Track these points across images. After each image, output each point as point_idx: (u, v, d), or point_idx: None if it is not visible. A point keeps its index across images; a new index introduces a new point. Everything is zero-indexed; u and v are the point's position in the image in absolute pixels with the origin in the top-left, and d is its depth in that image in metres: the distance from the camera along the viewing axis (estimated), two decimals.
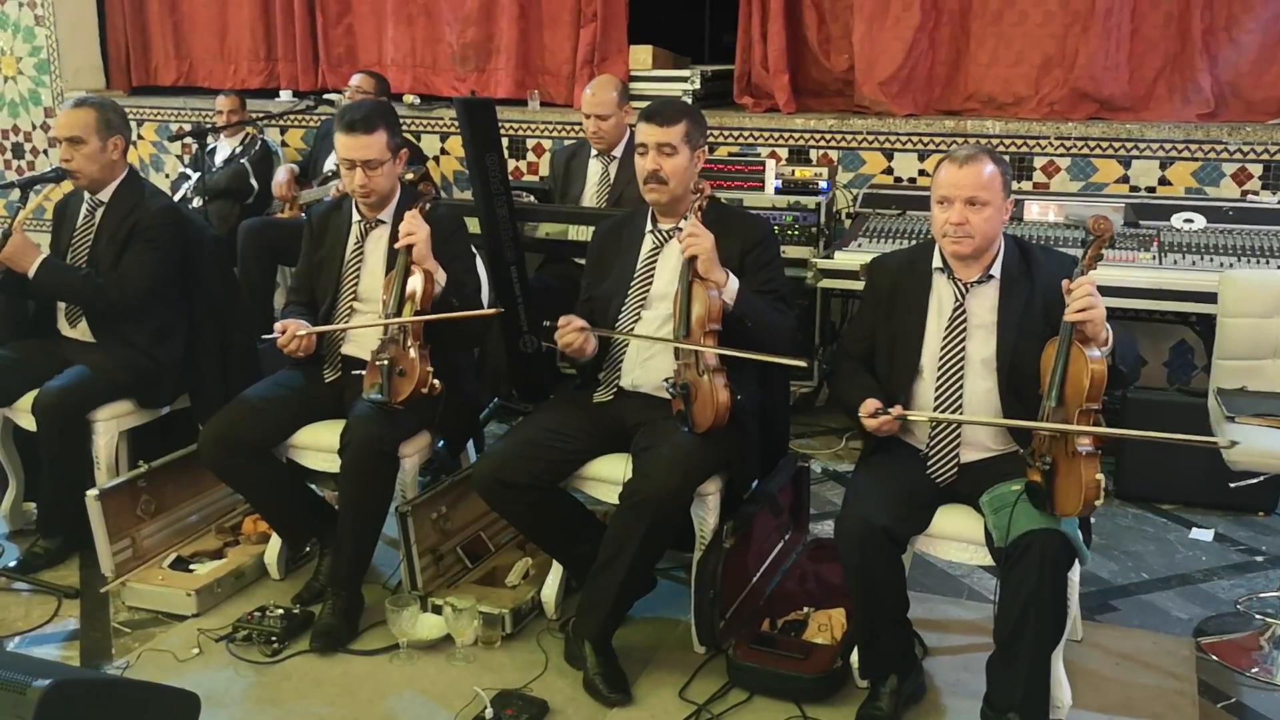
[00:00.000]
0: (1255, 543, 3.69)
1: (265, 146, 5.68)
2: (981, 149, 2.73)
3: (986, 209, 2.66)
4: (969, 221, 2.66)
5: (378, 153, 3.21)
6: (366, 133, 3.19)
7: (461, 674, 2.95)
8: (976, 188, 2.64)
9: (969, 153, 2.70)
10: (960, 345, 2.74)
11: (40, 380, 3.48)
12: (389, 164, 3.26)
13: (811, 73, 5.46)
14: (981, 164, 2.66)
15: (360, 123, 3.20)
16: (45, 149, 6.83)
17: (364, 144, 3.19)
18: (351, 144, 3.20)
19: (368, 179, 3.22)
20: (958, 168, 2.67)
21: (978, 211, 2.66)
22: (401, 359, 3.10)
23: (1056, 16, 4.91)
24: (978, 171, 2.65)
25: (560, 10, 5.72)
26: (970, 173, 2.65)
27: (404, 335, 3.11)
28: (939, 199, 2.71)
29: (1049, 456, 2.46)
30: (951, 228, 2.68)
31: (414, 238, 3.13)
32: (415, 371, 3.07)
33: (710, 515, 2.98)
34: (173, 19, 6.65)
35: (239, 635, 3.09)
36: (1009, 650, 2.52)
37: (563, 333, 2.98)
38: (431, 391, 3.09)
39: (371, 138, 3.20)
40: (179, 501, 3.58)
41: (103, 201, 3.61)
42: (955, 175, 2.67)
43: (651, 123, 3.00)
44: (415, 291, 3.13)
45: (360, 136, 3.19)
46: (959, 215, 2.66)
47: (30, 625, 3.20)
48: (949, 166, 2.69)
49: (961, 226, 2.66)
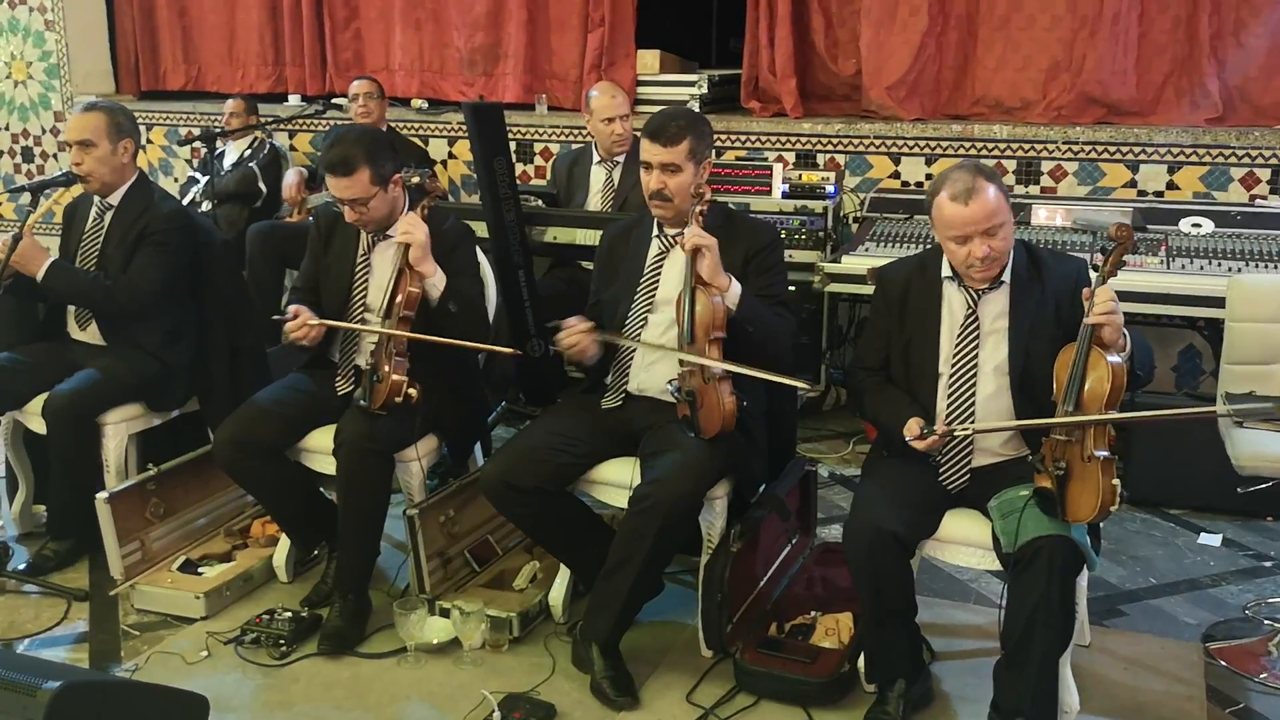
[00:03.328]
0: (1264, 547, 3.68)
1: (274, 150, 5.70)
2: (972, 171, 2.65)
3: (1003, 229, 2.64)
4: (993, 249, 2.63)
5: (361, 191, 3.16)
6: (346, 175, 3.15)
7: (469, 677, 2.95)
8: (988, 220, 2.61)
9: (967, 185, 2.61)
10: (973, 351, 2.74)
11: (50, 383, 3.48)
12: (378, 196, 3.20)
13: (819, 77, 5.47)
14: (982, 193, 2.60)
15: (339, 165, 3.14)
16: (55, 153, 6.85)
17: (345, 185, 3.16)
18: (335, 185, 3.18)
19: (358, 215, 3.21)
20: (964, 206, 2.61)
21: (995, 236, 2.63)
22: (380, 366, 3.11)
23: (1064, 21, 4.91)
24: (984, 201, 2.60)
25: (568, 15, 5.73)
26: (978, 206, 2.60)
27: (386, 342, 3.12)
28: (955, 238, 2.66)
29: (1063, 461, 2.45)
30: (978, 261, 2.64)
31: (409, 238, 3.12)
32: (387, 380, 3.07)
33: (718, 519, 2.98)
34: (181, 24, 6.67)
35: (247, 638, 3.10)
36: (1017, 656, 2.52)
37: (568, 333, 2.98)
38: (407, 400, 3.08)
39: (352, 179, 3.15)
40: (188, 504, 3.58)
41: (112, 205, 3.62)
42: (965, 214, 2.61)
43: (656, 142, 2.98)
44: (403, 297, 3.12)
45: (341, 179, 3.16)
46: (982, 248, 2.62)
47: (40, 627, 3.21)
48: (955, 206, 2.62)
49: (988, 257, 2.63)
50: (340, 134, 3.27)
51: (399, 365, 3.09)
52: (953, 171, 2.70)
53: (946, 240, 2.70)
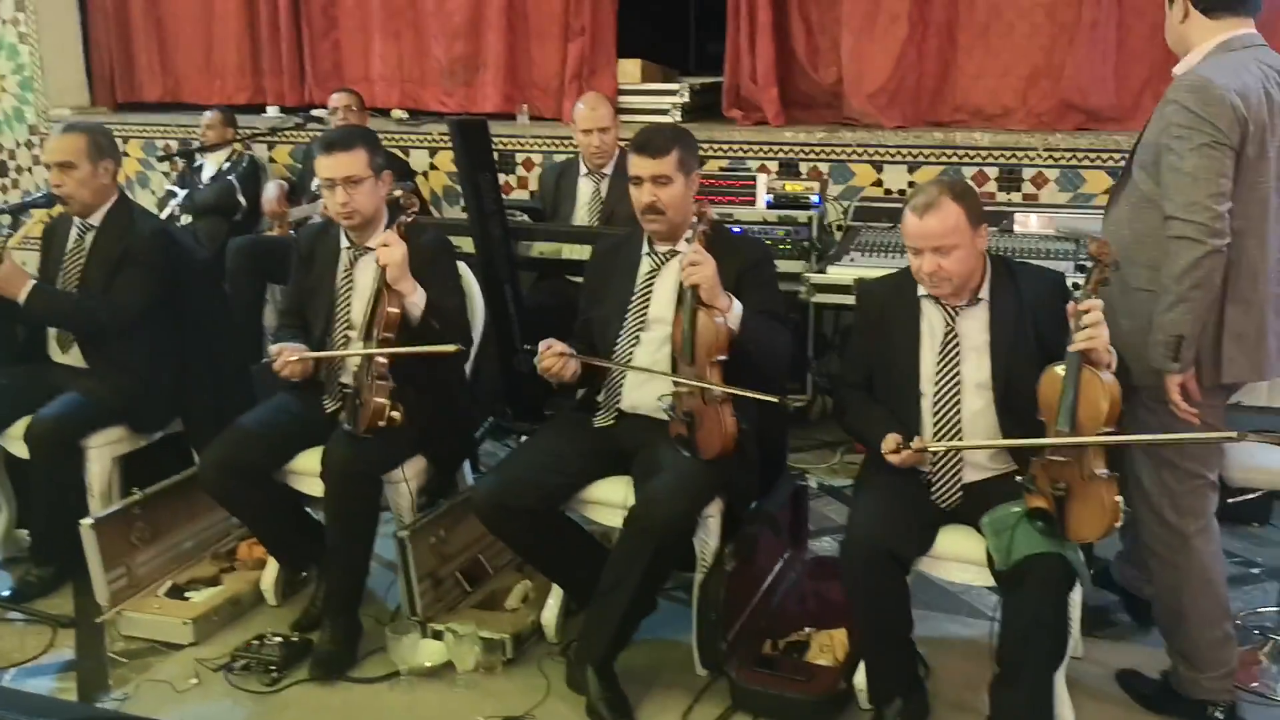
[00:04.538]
0: (1251, 554, 3.70)
1: (253, 163, 5.65)
2: (942, 187, 2.67)
3: (956, 251, 2.64)
4: (941, 268, 2.65)
5: (358, 169, 3.18)
6: (345, 150, 3.18)
7: (463, 701, 2.94)
8: (940, 237, 2.62)
9: (927, 200, 2.63)
10: (955, 368, 2.74)
11: (31, 407, 3.45)
12: (370, 182, 3.22)
13: (800, 85, 5.46)
14: (941, 210, 2.61)
15: (339, 142, 3.21)
16: (29, 167, 6.78)
17: (343, 161, 3.17)
18: (330, 163, 3.18)
19: (349, 197, 3.19)
20: (918, 219, 2.63)
21: (946, 256, 2.64)
22: (362, 389, 3.09)
23: (1043, 28, 4.93)
24: (938, 220, 2.61)
25: (548, 24, 5.70)
26: (930, 223, 2.62)
27: (367, 364, 3.09)
28: (910, 248, 2.69)
29: (1062, 482, 2.44)
30: (926, 276, 2.67)
31: (386, 256, 3.09)
32: (370, 403, 3.05)
33: (711, 537, 2.97)
34: (158, 35, 6.61)
35: (237, 664, 3.07)
36: (1011, 673, 2.52)
37: (543, 356, 2.95)
38: (390, 424, 3.05)
39: (350, 155, 3.18)
40: (173, 528, 3.54)
41: (93, 225, 3.59)
42: (918, 227, 2.64)
43: (644, 155, 2.98)
44: (382, 318, 3.09)
45: (339, 155, 3.18)
46: (931, 265, 2.65)
47: (25, 657, 3.17)
48: (912, 217, 2.65)
49: (935, 274, 2.66)
50: (336, 128, 3.29)
51: (381, 388, 3.06)
52: (928, 183, 2.75)
53: (908, 250, 2.72)
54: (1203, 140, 2.48)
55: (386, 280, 3.10)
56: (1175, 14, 2.70)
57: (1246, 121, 2.49)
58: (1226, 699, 2.78)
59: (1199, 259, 2.49)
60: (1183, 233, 2.50)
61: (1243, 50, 2.59)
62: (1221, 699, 2.78)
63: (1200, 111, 2.49)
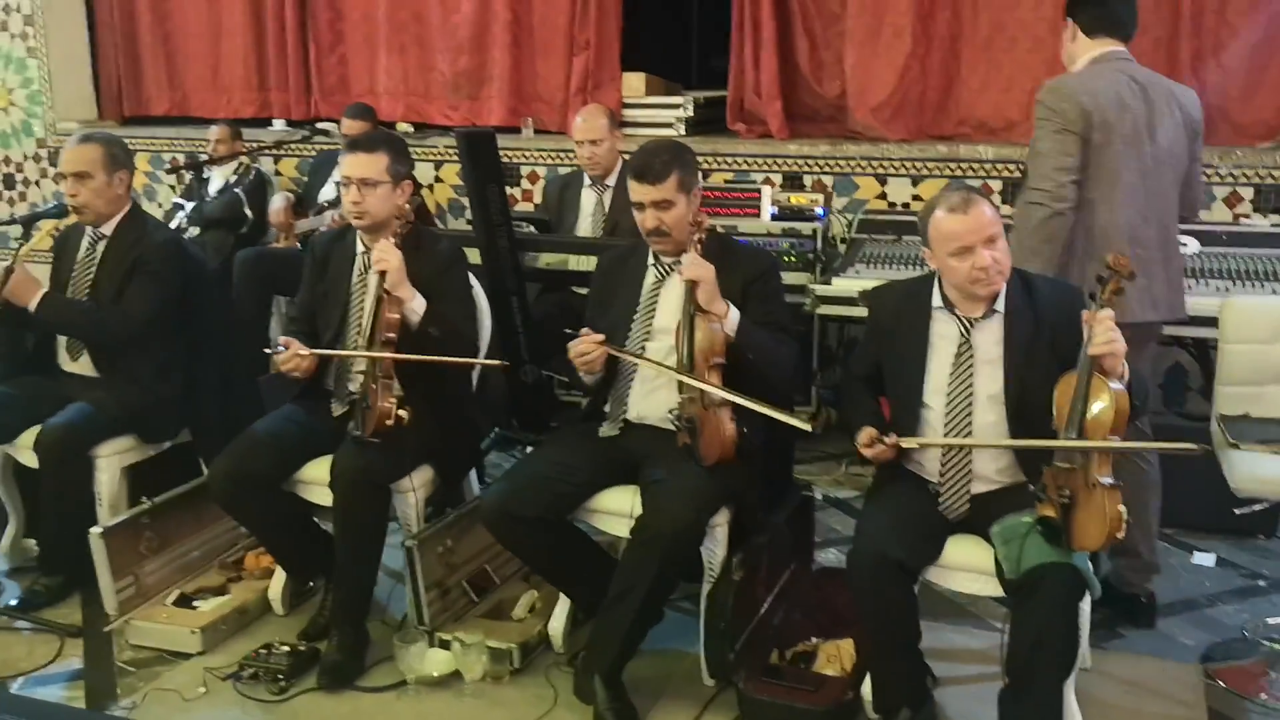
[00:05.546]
0: (1257, 566, 3.70)
1: (259, 176, 5.67)
2: (967, 189, 2.75)
3: (1001, 240, 2.68)
4: (997, 260, 2.66)
5: (375, 173, 3.21)
6: (368, 152, 3.23)
7: (471, 710, 2.94)
8: (991, 224, 2.65)
9: (963, 197, 2.67)
10: (968, 381, 2.75)
11: (40, 417, 3.46)
12: (386, 187, 3.23)
13: (804, 99, 5.48)
14: (979, 204, 2.66)
15: (364, 143, 3.29)
16: (37, 180, 6.80)
17: (362, 162, 3.21)
18: (351, 161, 3.23)
19: (361, 198, 3.21)
20: (964, 214, 2.64)
21: (996, 246, 2.66)
22: (368, 393, 3.10)
23: (1046, 42, 4.94)
24: (981, 211, 2.65)
25: (553, 38, 5.73)
26: (977, 215, 2.64)
27: (372, 368, 3.11)
28: (956, 251, 2.66)
29: (1067, 490, 2.45)
30: (982, 272, 2.66)
31: (383, 264, 3.11)
32: (376, 406, 3.06)
33: (719, 547, 2.97)
34: (165, 49, 6.64)
35: (246, 673, 3.07)
36: (1021, 684, 2.52)
37: (583, 340, 2.97)
38: (398, 424, 3.06)
39: (371, 157, 3.22)
40: (181, 537, 3.55)
41: (105, 235, 3.61)
42: (966, 223, 2.64)
43: (643, 182, 2.99)
44: (383, 322, 3.11)
45: (360, 155, 3.23)
46: (985, 258, 2.64)
47: (34, 665, 3.17)
48: (954, 217, 2.65)
49: (992, 267, 2.66)
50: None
51: (386, 388, 3.08)
52: (943, 192, 2.76)
53: (948, 258, 2.69)
54: (1054, 128, 3.07)
55: (385, 287, 3.13)
56: (1068, 35, 3.29)
57: (1091, 114, 3.05)
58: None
59: (1045, 219, 3.05)
60: (1034, 199, 3.07)
61: (1110, 63, 3.18)
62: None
63: (1053, 105, 3.08)
